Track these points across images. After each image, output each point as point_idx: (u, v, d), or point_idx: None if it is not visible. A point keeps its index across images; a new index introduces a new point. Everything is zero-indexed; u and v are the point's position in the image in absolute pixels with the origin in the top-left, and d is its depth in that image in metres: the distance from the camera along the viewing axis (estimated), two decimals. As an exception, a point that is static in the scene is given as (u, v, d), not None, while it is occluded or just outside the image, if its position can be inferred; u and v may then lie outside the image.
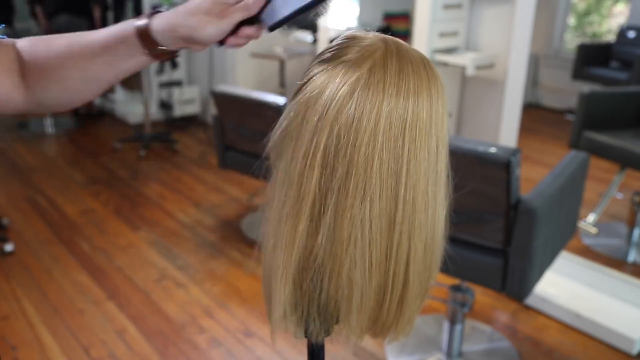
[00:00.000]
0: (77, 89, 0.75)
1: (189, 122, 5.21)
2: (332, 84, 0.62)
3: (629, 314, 2.43)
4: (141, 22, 0.70)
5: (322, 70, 0.64)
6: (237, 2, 0.67)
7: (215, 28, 0.67)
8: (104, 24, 5.01)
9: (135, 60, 0.72)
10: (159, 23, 0.69)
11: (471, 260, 1.88)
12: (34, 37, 0.76)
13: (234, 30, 0.68)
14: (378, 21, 4.25)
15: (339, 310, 0.68)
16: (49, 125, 5.02)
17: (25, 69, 0.75)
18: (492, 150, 1.68)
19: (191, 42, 0.69)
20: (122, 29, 0.71)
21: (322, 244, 0.64)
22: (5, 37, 0.76)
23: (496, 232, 1.78)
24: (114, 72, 0.73)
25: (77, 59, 0.73)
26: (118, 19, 5.32)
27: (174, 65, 4.97)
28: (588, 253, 3.00)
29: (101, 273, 2.82)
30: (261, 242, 0.71)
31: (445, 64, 3.05)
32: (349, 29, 3.87)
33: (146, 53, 0.71)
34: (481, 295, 2.61)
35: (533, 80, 5.89)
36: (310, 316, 0.69)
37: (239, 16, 0.67)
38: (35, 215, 3.44)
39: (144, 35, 0.69)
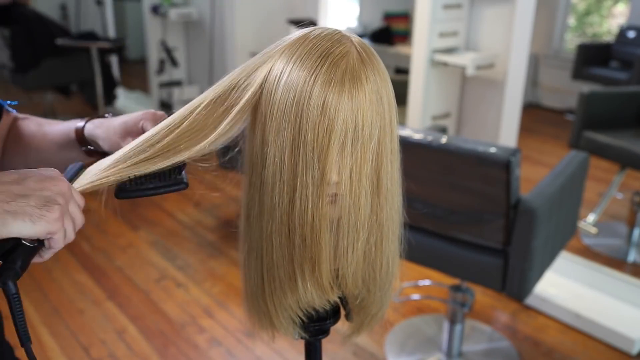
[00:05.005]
0: (30, 165, 0.86)
1: (189, 122, 5.21)
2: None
3: (629, 314, 2.43)
4: (80, 123, 0.83)
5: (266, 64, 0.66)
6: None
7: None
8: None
9: (76, 153, 0.84)
10: (89, 128, 0.82)
11: (471, 260, 1.88)
12: (30, 116, 0.92)
13: None
14: (378, 21, 4.25)
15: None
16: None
17: (9, 140, 0.88)
18: (492, 150, 1.68)
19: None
20: (69, 127, 0.84)
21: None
22: (15, 111, 0.90)
23: (496, 232, 1.78)
24: (59, 158, 0.85)
25: (39, 142, 0.87)
26: None
27: (175, 63, 4.97)
28: (588, 253, 3.00)
29: (101, 273, 2.82)
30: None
31: (445, 64, 3.05)
32: (348, 29, 3.87)
33: (81, 149, 0.83)
34: (481, 295, 2.61)
35: (533, 80, 5.89)
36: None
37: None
38: (35, 215, 3.44)
39: (78, 135, 0.83)
